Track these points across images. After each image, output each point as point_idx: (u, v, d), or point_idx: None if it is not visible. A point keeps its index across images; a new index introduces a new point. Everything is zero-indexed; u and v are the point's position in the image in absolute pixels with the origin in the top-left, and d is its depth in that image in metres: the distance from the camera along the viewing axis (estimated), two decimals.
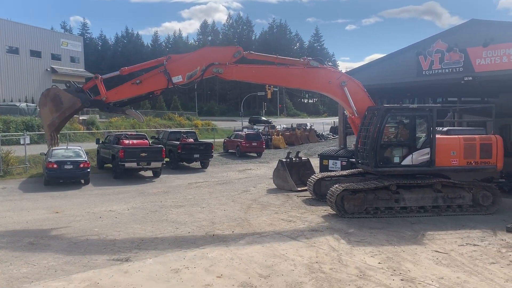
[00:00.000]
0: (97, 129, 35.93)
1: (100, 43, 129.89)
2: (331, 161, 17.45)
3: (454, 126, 17.23)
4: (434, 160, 12.38)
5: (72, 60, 59.60)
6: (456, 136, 12.80)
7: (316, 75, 13.42)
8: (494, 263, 8.22)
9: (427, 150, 12.44)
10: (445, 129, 13.58)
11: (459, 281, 7.27)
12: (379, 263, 8.22)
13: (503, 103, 26.62)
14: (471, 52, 15.72)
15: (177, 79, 12.64)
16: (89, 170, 18.63)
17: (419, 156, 12.47)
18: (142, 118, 15.67)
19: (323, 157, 18.03)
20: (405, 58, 17.83)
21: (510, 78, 15.87)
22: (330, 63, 15.11)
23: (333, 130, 49.13)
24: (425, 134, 12.68)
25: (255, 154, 31.31)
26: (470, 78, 15.66)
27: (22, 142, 21.89)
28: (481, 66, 15.50)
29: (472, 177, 14.16)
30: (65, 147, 20.13)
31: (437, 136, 12.56)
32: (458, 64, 16.13)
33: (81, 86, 13.17)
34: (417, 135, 12.76)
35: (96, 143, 24.24)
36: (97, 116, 41.17)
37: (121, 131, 30.78)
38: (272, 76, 13.60)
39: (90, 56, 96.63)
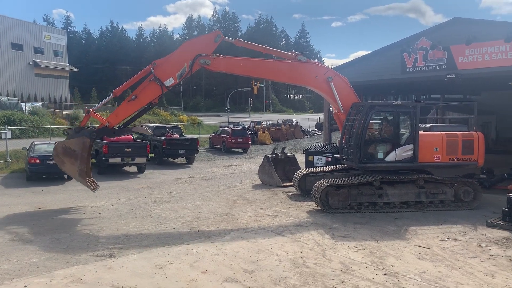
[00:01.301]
0: None
1: (84, 37, 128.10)
2: (316, 157, 17.56)
3: (437, 123, 17.47)
4: (417, 156, 12.55)
5: (55, 53, 58.65)
6: (439, 132, 12.99)
7: (303, 69, 13.49)
8: (474, 257, 8.38)
9: (410, 146, 12.60)
10: (428, 125, 13.77)
11: (440, 275, 7.40)
12: (363, 257, 8.31)
13: (484, 100, 27.17)
14: (454, 49, 15.94)
15: (169, 82, 12.60)
16: None
17: (402, 152, 12.62)
18: (150, 131, 15.69)
19: (308, 153, 18.13)
20: (390, 55, 18.01)
21: (491, 76, 16.18)
22: (316, 60, 15.13)
23: (319, 126, 49.37)
24: (408, 131, 12.83)
25: (241, 150, 31.30)
26: (453, 76, 15.89)
27: (3, 136, 21.52)
28: (464, 63, 15.74)
29: (454, 173, 14.41)
30: (48, 142, 19.83)
31: (420, 132, 12.73)
32: (442, 61, 16.35)
33: (77, 125, 13.05)
34: (400, 132, 12.91)
35: None
36: (81, 111, 40.65)
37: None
38: (260, 69, 13.61)
39: (73, 50, 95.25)
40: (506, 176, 16.58)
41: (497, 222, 10.61)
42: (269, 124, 47.48)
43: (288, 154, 18.43)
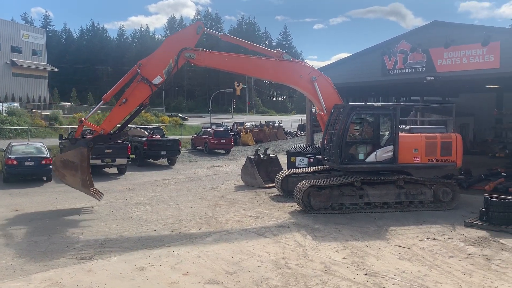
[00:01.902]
0: (60, 125, 34.92)
1: (64, 36, 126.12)
2: (298, 158, 17.63)
3: (416, 125, 17.73)
4: (397, 157, 12.71)
5: (34, 53, 57.53)
6: (418, 134, 13.19)
7: (288, 68, 13.60)
8: (452, 256, 8.53)
9: (391, 147, 12.76)
10: (408, 127, 13.97)
11: (420, 275, 7.51)
12: (344, 258, 8.38)
13: (463, 102, 27.71)
14: (433, 52, 16.20)
15: (157, 80, 12.53)
16: (51, 166, 18.06)
17: (382, 154, 12.77)
18: (146, 132, 15.62)
19: (290, 154, 18.19)
20: (371, 58, 18.20)
21: (469, 79, 16.50)
22: (300, 59, 15.19)
23: (301, 127, 49.62)
24: (388, 132, 13.00)
25: (223, 151, 31.22)
26: (432, 78, 16.14)
27: None
28: (443, 66, 16.01)
29: (433, 174, 14.64)
30: (26, 143, 19.45)
31: (400, 134, 12.90)
32: (421, 64, 16.60)
33: (72, 136, 12.99)
34: (381, 133, 13.06)
35: (59, 139, 23.50)
36: (60, 111, 40.07)
37: (85, 128, 30.03)
38: (245, 66, 13.65)
39: (53, 50, 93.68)
40: (484, 177, 16.94)
41: (475, 222, 10.82)
42: (252, 125, 47.51)
43: (271, 155, 18.47)
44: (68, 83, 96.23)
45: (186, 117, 65.90)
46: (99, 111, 46.53)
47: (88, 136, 20.38)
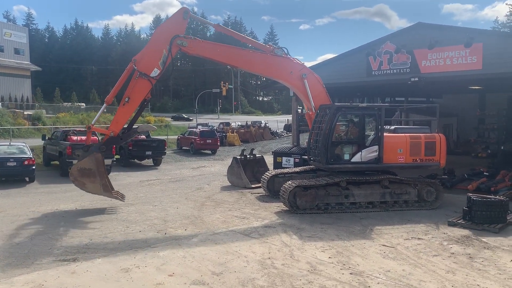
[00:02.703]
0: (44, 125, 34.39)
1: (47, 35, 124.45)
2: (284, 158, 17.66)
3: (401, 125, 17.91)
4: (382, 157, 12.83)
5: (17, 52, 56.44)
6: (403, 134, 13.33)
7: (279, 63, 13.70)
8: (436, 255, 8.63)
9: (376, 147, 12.86)
10: (392, 127, 14.10)
11: (404, 274, 7.58)
12: (330, 257, 8.42)
13: (446, 103, 28.11)
14: (417, 53, 16.40)
15: (155, 73, 12.51)
16: (34, 167, 17.80)
17: (368, 154, 12.87)
18: (154, 127, 15.80)
19: (276, 154, 18.21)
20: (356, 59, 18.34)
21: (452, 80, 16.73)
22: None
23: (287, 127, 49.73)
24: (373, 132, 13.10)
25: (209, 151, 31.12)
26: (416, 79, 16.34)
27: None
28: (427, 67, 16.21)
29: (417, 173, 14.80)
30: (8, 143, 19.11)
31: (385, 134, 13.02)
32: (405, 65, 16.78)
33: (84, 145, 12.97)
34: (366, 133, 13.17)
35: (42, 139, 23.18)
36: (44, 111, 39.49)
37: (69, 127, 29.67)
38: (236, 58, 13.67)
39: (36, 49, 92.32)
40: (467, 177, 17.21)
41: (458, 221, 10.97)
42: (238, 125, 47.46)
43: (257, 155, 18.47)
44: (52, 83, 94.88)
45: (190, 118, 65.04)
46: (83, 112, 45.98)
47: (73, 136, 20.25)
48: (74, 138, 20.24)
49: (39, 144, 23.96)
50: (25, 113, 37.19)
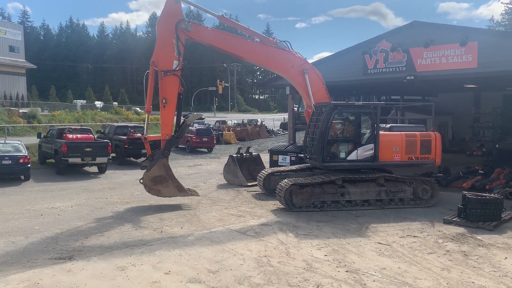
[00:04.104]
0: (39, 123, 34.27)
1: (43, 33, 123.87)
2: (280, 157, 17.68)
3: (396, 123, 17.96)
4: (378, 156, 12.86)
5: (12, 49, 56.14)
6: (399, 132, 13.37)
7: (281, 56, 13.83)
8: (432, 253, 8.68)
9: (371, 145, 12.90)
10: (388, 125, 14.14)
11: (400, 271, 7.62)
12: (325, 255, 8.44)
13: (442, 101, 28.21)
14: (413, 52, 16.42)
15: (175, 65, 12.66)
16: (29, 165, 17.75)
17: (363, 152, 12.91)
18: (201, 114, 16.02)
19: (273, 152, 18.23)
20: (352, 57, 18.35)
21: (448, 78, 16.78)
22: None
23: (283, 126, 49.73)
24: (369, 131, 13.13)
25: (205, 150, 31.09)
26: (412, 77, 16.37)
27: None
28: (422, 66, 16.24)
29: (413, 171, 14.87)
30: (3, 142, 19.03)
31: (380, 132, 13.06)
32: (401, 63, 16.80)
33: (147, 155, 13.38)
34: (362, 131, 13.20)
35: (38, 137, 23.11)
36: (39, 109, 39.32)
37: (65, 125, 29.59)
38: (239, 47, 13.78)
39: (31, 46, 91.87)
40: (462, 175, 17.28)
41: (453, 219, 11.03)
42: (234, 123, 47.44)
43: (253, 153, 18.47)
44: (47, 80, 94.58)
45: (202, 116, 64.58)
46: (79, 109, 45.84)
47: (68, 134, 20.20)
48: (70, 136, 20.18)
49: (35, 142, 23.87)
50: (20, 111, 37.03)
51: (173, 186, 12.96)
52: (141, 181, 13.01)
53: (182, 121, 13.77)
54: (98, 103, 65.97)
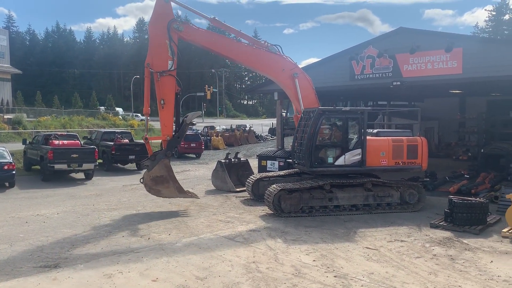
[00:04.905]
0: (24, 129, 33.81)
1: (28, 38, 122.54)
2: (269, 162, 17.69)
3: (383, 129, 18.11)
4: (365, 161, 12.94)
5: None
6: (385, 137, 13.48)
7: (271, 59, 13.97)
8: (419, 257, 8.74)
9: (359, 151, 12.98)
10: (375, 131, 14.25)
11: (387, 276, 7.65)
12: (314, 260, 8.45)
13: (428, 107, 28.54)
14: (399, 58, 16.60)
15: (170, 65, 12.69)
16: (14, 172, 17.47)
17: (351, 157, 12.98)
18: (200, 112, 16.76)
19: (261, 157, 18.24)
20: (339, 63, 18.47)
21: (433, 84, 16.99)
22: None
23: (272, 131, 49.84)
24: (356, 136, 13.22)
25: (193, 155, 30.99)
26: (398, 83, 16.53)
27: None
28: (408, 71, 16.42)
29: (400, 176, 14.98)
30: None
31: (367, 137, 13.15)
32: (388, 69, 16.97)
33: (148, 156, 13.23)
34: (349, 137, 13.28)
35: (23, 144, 22.80)
36: (24, 115, 38.82)
37: (51, 131, 29.25)
38: (230, 48, 13.85)
39: (16, 51, 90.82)
40: (448, 179, 17.46)
41: (440, 223, 11.13)
42: (223, 129, 47.38)
43: (242, 159, 18.44)
44: (33, 86, 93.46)
45: (194, 122, 64.05)
46: (65, 115, 45.38)
47: (54, 141, 19.95)
48: (56, 142, 19.95)
49: (20, 149, 23.55)
50: (5, 117, 36.50)
51: (174, 187, 12.98)
52: (142, 180, 12.97)
53: (181, 120, 13.75)
54: (119, 109, 66.41)
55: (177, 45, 12.85)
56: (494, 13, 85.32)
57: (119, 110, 66.79)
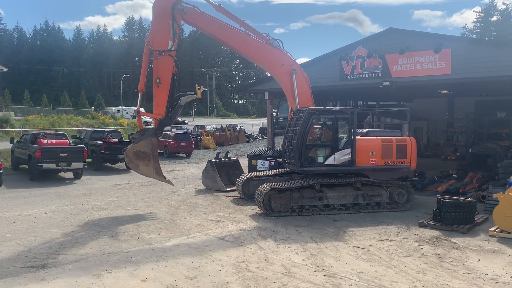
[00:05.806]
0: (12, 128, 33.40)
1: (16, 36, 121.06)
2: (259, 161, 17.69)
3: (373, 128, 18.22)
4: (355, 160, 13.02)
5: None
6: (375, 137, 13.57)
7: (272, 53, 14.12)
8: (407, 256, 8.81)
9: (348, 150, 13.05)
10: (364, 130, 14.34)
11: (377, 275, 7.71)
12: (304, 260, 8.47)
13: (417, 107, 28.80)
14: (389, 58, 16.71)
15: (171, 45, 12.66)
16: (1, 171, 17.24)
17: (341, 156, 13.05)
18: (194, 95, 15.88)
19: (252, 157, 18.23)
20: (329, 63, 18.55)
21: (422, 84, 17.13)
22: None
23: (262, 130, 49.82)
24: (346, 135, 13.29)
25: (184, 155, 30.87)
26: (388, 83, 16.64)
27: None
28: (398, 72, 16.54)
29: (389, 176, 15.08)
30: None
31: (357, 137, 13.22)
32: (377, 69, 17.08)
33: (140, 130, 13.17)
34: (339, 136, 13.35)
35: (11, 143, 22.53)
36: (12, 113, 38.35)
37: (39, 130, 28.96)
38: (232, 36, 13.92)
39: (4, 49, 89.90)
40: (436, 179, 17.63)
41: (428, 222, 11.23)
42: (213, 128, 47.26)
43: (232, 158, 18.44)
44: (21, 84, 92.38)
45: (185, 121, 63.81)
46: (53, 114, 44.94)
47: (42, 139, 19.73)
48: (44, 141, 19.75)
49: (7, 148, 23.28)
50: None
51: (153, 166, 12.88)
52: (123, 151, 12.92)
53: (178, 101, 13.76)
54: (114, 108, 66.08)
55: (180, 26, 12.86)
56: (482, 14, 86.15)
57: (114, 109, 66.23)
